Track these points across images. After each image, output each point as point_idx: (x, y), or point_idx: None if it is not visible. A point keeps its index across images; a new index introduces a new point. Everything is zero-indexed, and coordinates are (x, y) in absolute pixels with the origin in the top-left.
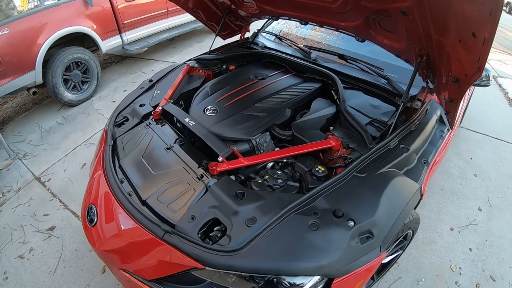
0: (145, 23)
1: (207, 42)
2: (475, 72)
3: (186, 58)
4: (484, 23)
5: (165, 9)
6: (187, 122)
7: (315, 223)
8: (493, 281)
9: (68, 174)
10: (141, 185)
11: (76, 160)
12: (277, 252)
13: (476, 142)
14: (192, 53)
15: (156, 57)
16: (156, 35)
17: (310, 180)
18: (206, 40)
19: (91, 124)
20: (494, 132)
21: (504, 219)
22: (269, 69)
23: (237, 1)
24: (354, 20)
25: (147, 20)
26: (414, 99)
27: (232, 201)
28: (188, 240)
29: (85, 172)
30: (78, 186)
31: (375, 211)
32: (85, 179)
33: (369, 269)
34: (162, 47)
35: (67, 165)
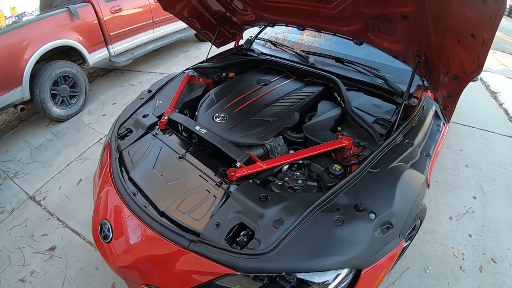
0: (131, 34)
1: (192, 51)
2: (475, 69)
3: (173, 69)
4: (484, 26)
5: (150, 20)
6: (198, 130)
7: (339, 218)
8: (494, 263)
9: (64, 191)
10: (157, 196)
11: (71, 176)
12: (307, 250)
13: (465, 135)
14: (178, 63)
15: (142, 68)
16: (143, 46)
17: (328, 178)
18: (191, 50)
19: (82, 139)
20: (480, 123)
21: (497, 205)
22: (270, 75)
23: (232, 8)
24: (353, 24)
25: (133, 31)
26: (411, 96)
27: (257, 205)
28: (217, 247)
29: (82, 189)
30: (76, 203)
31: (392, 202)
32: (82, 196)
33: (392, 257)
34: (147, 58)
35: (62, 182)
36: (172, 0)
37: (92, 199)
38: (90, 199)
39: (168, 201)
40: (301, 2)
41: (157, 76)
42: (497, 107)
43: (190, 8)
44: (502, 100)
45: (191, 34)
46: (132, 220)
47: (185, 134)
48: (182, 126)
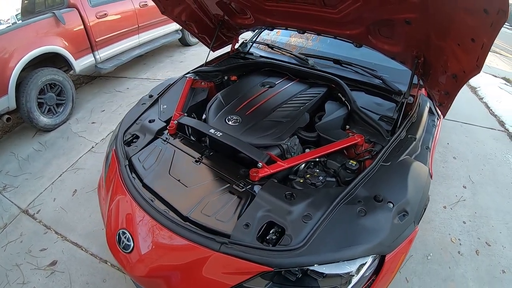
0: (117, 40)
1: (177, 56)
2: (474, 69)
3: (159, 74)
4: (485, 32)
5: (136, 25)
6: (214, 133)
7: (362, 209)
8: (488, 246)
9: (59, 203)
10: (177, 202)
11: (65, 187)
12: (336, 241)
13: (450, 129)
14: (164, 68)
15: (128, 74)
16: (128, 51)
17: (345, 173)
18: (176, 55)
19: (73, 148)
20: (463, 117)
21: (486, 192)
22: (273, 78)
23: (232, 12)
24: (355, 28)
25: (119, 37)
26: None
27: (284, 202)
28: (250, 246)
29: (78, 200)
30: (73, 215)
31: (406, 192)
32: (79, 207)
33: (409, 241)
34: (133, 64)
35: (56, 193)
36: (171, 4)
37: (91, 210)
38: (88, 210)
39: (190, 205)
40: (304, 6)
41: (143, 82)
42: (478, 101)
43: (188, 12)
44: (482, 94)
45: (175, 39)
46: (154, 227)
47: (193, 138)
48: (190, 130)
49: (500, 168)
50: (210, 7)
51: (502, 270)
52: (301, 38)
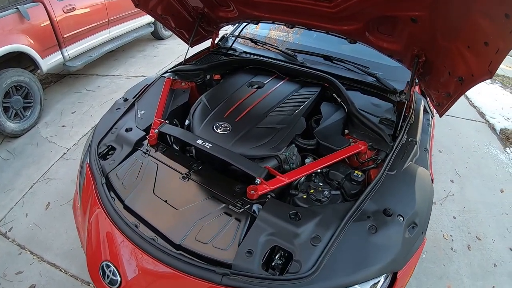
0: (86, 35)
1: (150, 51)
2: (485, 74)
3: (131, 70)
4: (502, 37)
5: (105, 19)
6: (202, 145)
7: (372, 226)
8: (479, 240)
9: (32, 219)
10: (166, 227)
11: (37, 200)
12: (349, 263)
13: None
14: (136, 64)
15: (98, 71)
16: (99, 47)
17: (351, 186)
18: (148, 49)
19: (43, 155)
20: None
21: (473, 185)
22: (260, 76)
23: (212, 4)
24: (352, 24)
25: (88, 32)
26: (402, 93)
27: (289, 224)
28: (256, 277)
29: (52, 214)
30: (48, 231)
31: (414, 203)
32: (54, 222)
33: (418, 253)
34: (103, 60)
35: (28, 207)
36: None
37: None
38: (63, 225)
39: (182, 231)
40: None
41: (115, 80)
42: None
43: (164, 4)
44: None
45: (147, 32)
46: (142, 258)
47: (176, 147)
48: (172, 139)
49: (484, 160)
50: None
51: (493, 263)
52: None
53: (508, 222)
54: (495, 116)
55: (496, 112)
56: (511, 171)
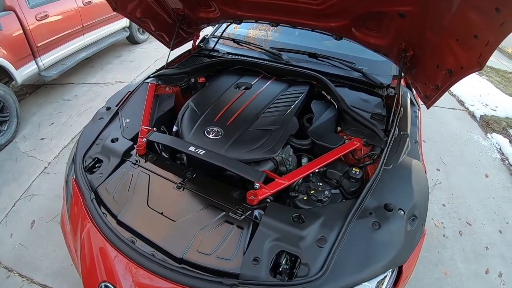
0: (61, 43)
1: (126, 56)
2: (475, 66)
3: (109, 77)
4: (492, 30)
5: (80, 25)
6: (195, 152)
7: (375, 222)
8: (469, 225)
9: (17, 239)
10: (165, 241)
11: (21, 219)
12: (357, 262)
13: None
14: (113, 70)
15: (74, 80)
16: (74, 55)
17: (349, 183)
18: (124, 54)
19: (23, 171)
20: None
21: (458, 173)
22: (247, 77)
23: (193, 5)
24: (338, 21)
25: (63, 40)
26: (389, 87)
27: (293, 227)
28: (265, 285)
29: (38, 232)
30: (35, 251)
31: (413, 195)
32: (40, 240)
33: (420, 245)
34: (79, 68)
35: (12, 227)
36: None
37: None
38: (51, 243)
39: (182, 244)
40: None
41: (93, 88)
42: None
43: (144, 7)
44: None
45: (123, 37)
46: (143, 275)
47: (165, 155)
48: (161, 147)
49: (467, 147)
50: (168, 1)
51: (485, 247)
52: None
53: (495, 205)
54: (474, 103)
55: (474, 99)
56: (494, 156)
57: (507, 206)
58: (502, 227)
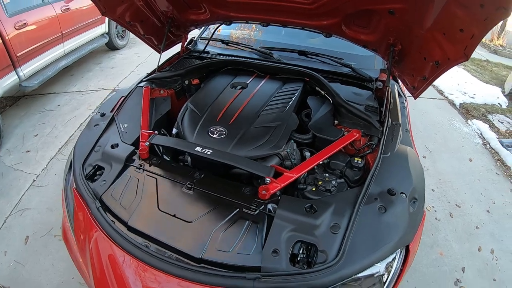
0: (41, 51)
1: (106, 62)
2: (461, 57)
3: (91, 84)
4: (477, 24)
5: (59, 33)
6: (203, 152)
7: (381, 206)
8: (459, 207)
9: (12, 257)
10: (181, 242)
11: (14, 235)
12: (369, 245)
13: None
14: (94, 78)
15: (55, 89)
16: (54, 64)
17: (353, 172)
18: (104, 61)
19: (11, 185)
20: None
21: (444, 159)
22: (241, 77)
23: (183, 7)
24: (329, 19)
25: (43, 48)
26: (377, 80)
27: (307, 217)
28: (287, 274)
29: (33, 247)
30: (32, 268)
31: (411, 180)
32: (37, 256)
33: (422, 224)
34: (59, 77)
35: (5, 245)
36: (113, 3)
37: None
38: (48, 258)
39: (200, 244)
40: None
41: (75, 96)
42: None
43: (133, 10)
44: None
45: (102, 44)
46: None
47: (167, 158)
48: (162, 149)
49: (449, 134)
50: (158, 3)
51: (475, 226)
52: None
53: (481, 187)
54: (453, 92)
55: (453, 88)
56: (475, 141)
57: (492, 187)
58: (489, 207)
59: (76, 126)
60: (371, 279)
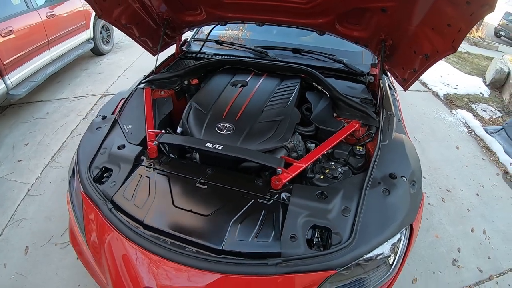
0: (27, 59)
1: (93, 68)
2: (449, 49)
3: (79, 91)
4: (464, 20)
5: (45, 39)
6: (213, 147)
7: (385, 189)
8: (450, 192)
9: (13, 269)
10: (201, 236)
11: (13, 247)
12: (377, 225)
13: None
14: (82, 84)
15: (43, 97)
16: (41, 71)
17: (356, 160)
18: (91, 67)
19: (5, 196)
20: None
21: (432, 147)
22: (240, 75)
23: (179, 9)
24: (323, 18)
25: (29, 55)
26: (369, 74)
27: (320, 203)
28: (307, 257)
29: (34, 257)
30: (35, 278)
31: (410, 164)
32: (39, 266)
33: (422, 205)
34: (46, 85)
35: (4, 257)
36: (110, 6)
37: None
38: (51, 267)
39: (219, 236)
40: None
41: (64, 103)
42: None
43: (129, 13)
44: None
45: (88, 49)
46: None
47: (173, 156)
48: (168, 148)
49: (436, 124)
50: (154, 5)
51: (467, 209)
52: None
53: (469, 172)
54: (436, 84)
55: (436, 80)
56: (461, 130)
57: (479, 172)
58: (478, 191)
59: (67, 133)
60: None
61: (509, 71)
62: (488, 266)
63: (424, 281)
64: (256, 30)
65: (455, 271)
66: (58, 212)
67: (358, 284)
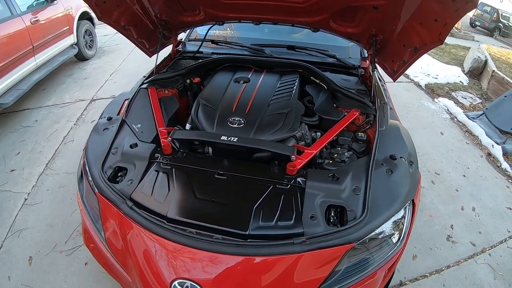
0: (13, 66)
1: (78, 73)
2: (436, 41)
3: (66, 96)
4: (449, 15)
5: (30, 46)
6: (229, 140)
7: (388, 169)
8: (438, 175)
9: (17, 280)
10: (227, 223)
11: (15, 258)
12: (385, 201)
13: None
14: (69, 90)
15: (29, 105)
16: (27, 78)
17: (358, 145)
18: (76, 72)
19: (1, 208)
20: None
21: (418, 135)
22: (241, 72)
23: (177, 10)
24: (318, 16)
25: (15, 63)
26: (360, 67)
27: (333, 184)
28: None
29: (40, 267)
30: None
31: (406, 147)
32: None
33: (420, 183)
34: (31, 93)
35: (7, 269)
36: (109, 8)
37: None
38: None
39: (243, 221)
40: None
41: (52, 110)
42: None
43: (128, 14)
44: None
45: (72, 55)
46: (217, 260)
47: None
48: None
49: (420, 113)
50: (153, 7)
51: (455, 189)
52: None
53: (454, 156)
54: (418, 74)
55: (417, 71)
56: (444, 117)
57: (464, 155)
58: (464, 172)
59: (59, 140)
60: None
61: (486, 60)
62: (480, 240)
63: (423, 257)
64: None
65: (451, 246)
66: (60, 219)
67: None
